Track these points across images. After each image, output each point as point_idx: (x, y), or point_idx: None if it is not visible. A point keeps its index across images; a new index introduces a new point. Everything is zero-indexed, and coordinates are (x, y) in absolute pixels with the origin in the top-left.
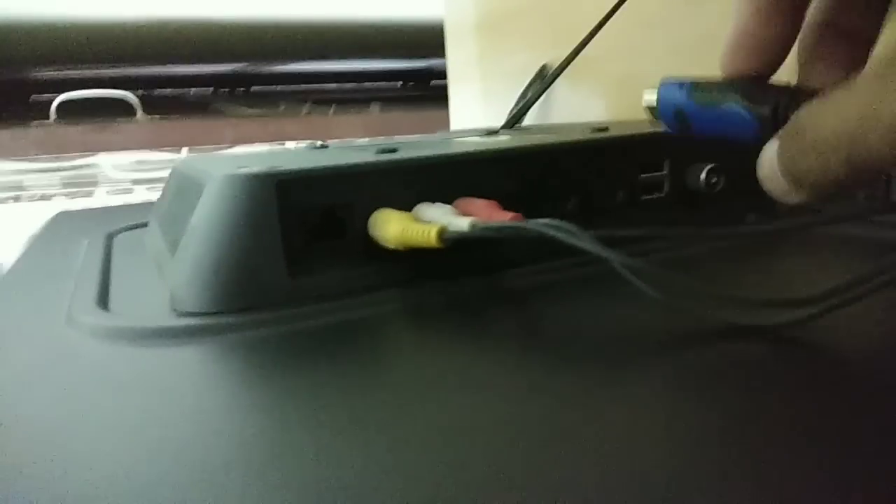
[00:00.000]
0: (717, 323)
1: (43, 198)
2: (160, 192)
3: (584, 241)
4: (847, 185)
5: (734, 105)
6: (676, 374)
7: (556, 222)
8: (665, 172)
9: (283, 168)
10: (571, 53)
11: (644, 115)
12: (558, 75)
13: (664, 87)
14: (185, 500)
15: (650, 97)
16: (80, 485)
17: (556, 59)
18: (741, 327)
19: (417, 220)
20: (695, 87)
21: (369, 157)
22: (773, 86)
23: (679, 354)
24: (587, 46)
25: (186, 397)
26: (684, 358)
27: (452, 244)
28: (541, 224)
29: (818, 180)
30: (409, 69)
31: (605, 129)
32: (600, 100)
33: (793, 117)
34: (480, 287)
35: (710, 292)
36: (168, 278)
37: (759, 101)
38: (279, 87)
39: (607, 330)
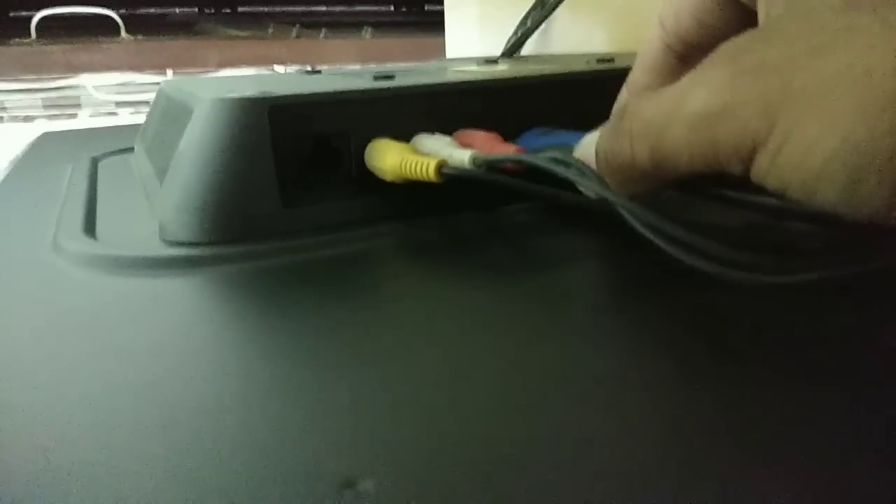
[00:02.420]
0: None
1: (26, 119)
2: (145, 116)
3: (587, 178)
4: (651, 177)
5: None
6: (663, 317)
7: (558, 156)
8: None
9: (276, 93)
10: None
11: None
12: (560, 2)
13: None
14: (174, 434)
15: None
16: (64, 420)
17: None
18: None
19: (416, 151)
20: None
21: (366, 84)
22: None
23: (668, 298)
24: None
25: (176, 329)
26: (672, 302)
27: (452, 178)
28: (543, 158)
29: (623, 167)
30: None
31: (611, 59)
32: (603, 30)
33: (621, 104)
34: (478, 221)
35: (705, 243)
36: (157, 206)
37: None
38: (267, 9)
39: (604, 268)
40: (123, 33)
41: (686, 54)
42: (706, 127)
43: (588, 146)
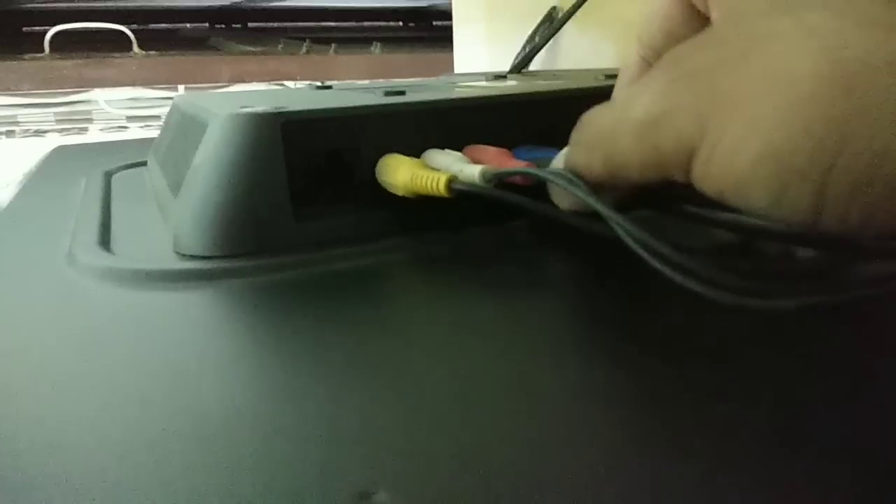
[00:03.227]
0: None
1: (37, 133)
2: (156, 130)
3: (588, 194)
4: (609, 188)
5: None
6: (670, 334)
7: (566, 172)
8: None
9: (289, 108)
10: None
11: None
12: (568, 18)
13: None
14: (188, 445)
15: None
16: (80, 429)
17: (566, 1)
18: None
19: (426, 166)
20: None
21: (377, 99)
22: None
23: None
24: None
25: (190, 341)
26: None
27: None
28: (552, 173)
29: (584, 176)
30: (411, 8)
31: None
32: (611, 45)
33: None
34: (488, 236)
35: (708, 270)
36: (171, 220)
37: None
38: (277, 24)
39: (611, 284)
40: (135, 48)
41: None
42: (647, 134)
43: (560, 160)
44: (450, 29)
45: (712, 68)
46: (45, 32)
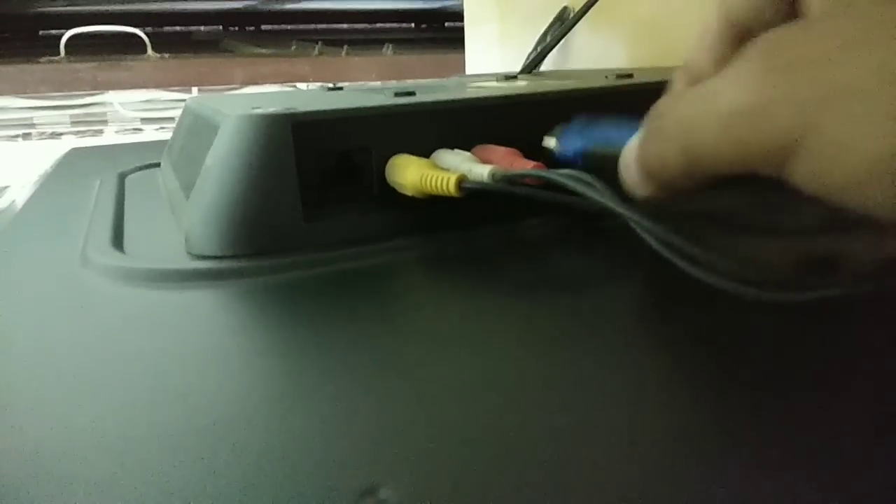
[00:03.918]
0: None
1: (53, 135)
2: (170, 132)
3: (607, 197)
4: (685, 179)
5: None
6: (691, 331)
7: (577, 173)
8: None
9: (299, 109)
10: None
11: (669, 62)
12: (580, 18)
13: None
14: (198, 442)
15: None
16: (96, 427)
17: (577, 1)
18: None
19: (436, 166)
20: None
21: (387, 100)
22: None
23: (694, 312)
24: None
25: (201, 340)
26: (697, 316)
27: (471, 192)
28: (564, 174)
29: (656, 169)
30: (423, 9)
31: (630, 75)
32: (623, 45)
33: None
34: (497, 236)
35: (720, 260)
36: (183, 220)
37: None
38: (290, 27)
39: (624, 283)
40: (150, 51)
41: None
42: (738, 126)
43: (632, 149)
44: (461, 30)
45: (819, 59)
46: (60, 35)
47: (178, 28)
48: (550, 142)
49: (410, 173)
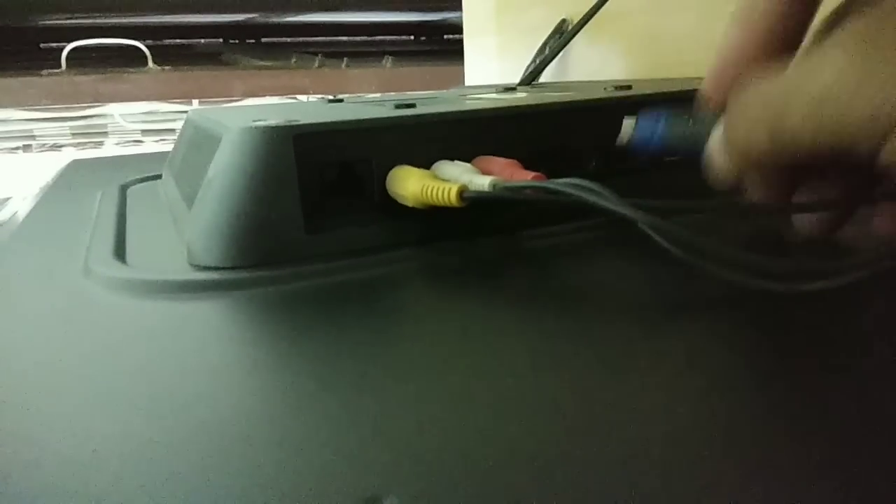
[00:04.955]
0: (741, 287)
1: (54, 147)
2: (170, 144)
3: (609, 201)
4: (770, 161)
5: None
6: (695, 339)
7: (579, 181)
8: None
9: (301, 121)
10: (592, 8)
11: (667, 74)
12: (578, 31)
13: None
14: (200, 453)
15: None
16: (97, 438)
17: (575, 14)
18: (765, 293)
19: (436, 177)
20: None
21: (388, 112)
22: None
23: (700, 318)
24: (609, 1)
25: (203, 351)
26: (705, 322)
27: (472, 203)
28: (564, 183)
29: (743, 152)
30: (423, 22)
31: (629, 87)
32: (621, 57)
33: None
34: (498, 247)
35: (738, 256)
36: (185, 232)
37: None
38: (290, 39)
39: (626, 293)
40: (151, 64)
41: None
42: (833, 107)
43: (718, 135)
44: (460, 42)
45: None
46: (62, 48)
47: (178, 41)
48: (628, 126)
49: (411, 184)
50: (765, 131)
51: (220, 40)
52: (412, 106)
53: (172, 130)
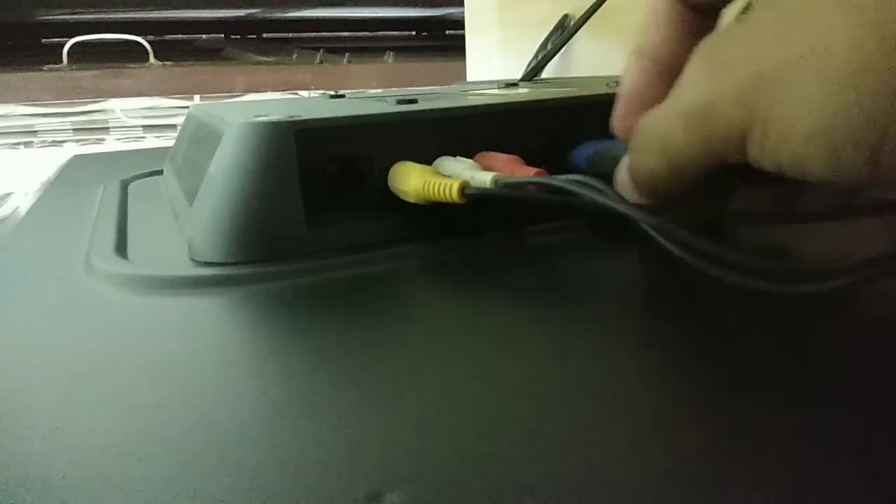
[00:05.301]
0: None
1: (55, 143)
2: (171, 140)
3: (610, 198)
4: (674, 184)
5: None
6: (695, 339)
7: (581, 178)
8: None
9: (302, 117)
10: (595, 3)
11: None
12: (581, 26)
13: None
14: (203, 449)
15: None
16: (100, 434)
17: (578, 9)
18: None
19: (438, 173)
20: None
21: (389, 108)
22: None
23: (700, 318)
24: None
25: (205, 346)
26: (705, 322)
27: (474, 200)
28: (566, 180)
29: (644, 179)
30: (424, 17)
31: None
32: (623, 53)
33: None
34: (500, 243)
35: (737, 256)
36: (186, 227)
37: None
38: (291, 35)
39: (628, 290)
40: (152, 59)
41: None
42: (698, 125)
43: (623, 165)
44: (462, 38)
45: (752, 54)
46: (63, 44)
47: (180, 36)
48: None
49: (413, 180)
50: (660, 160)
51: (222, 36)
52: (414, 102)
53: (173, 126)
